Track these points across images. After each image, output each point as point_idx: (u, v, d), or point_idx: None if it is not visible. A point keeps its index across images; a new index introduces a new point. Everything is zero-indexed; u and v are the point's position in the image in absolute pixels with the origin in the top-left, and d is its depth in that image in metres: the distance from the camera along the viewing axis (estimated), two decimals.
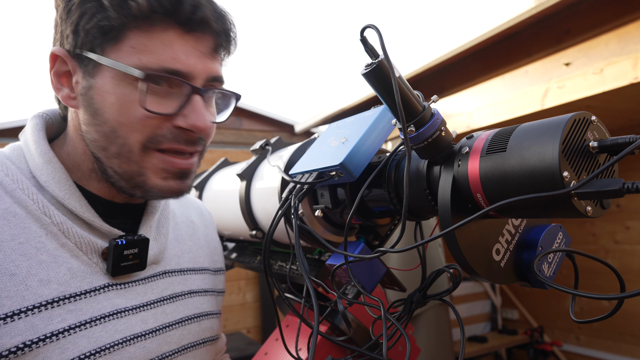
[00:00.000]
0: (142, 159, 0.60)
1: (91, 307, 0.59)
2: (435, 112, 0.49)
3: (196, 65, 0.59)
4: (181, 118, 0.60)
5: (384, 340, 0.50)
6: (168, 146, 0.60)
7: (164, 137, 0.60)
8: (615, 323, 3.10)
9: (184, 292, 0.74)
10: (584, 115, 0.40)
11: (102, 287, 0.61)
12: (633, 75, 1.51)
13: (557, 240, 0.52)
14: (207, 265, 0.83)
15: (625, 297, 0.38)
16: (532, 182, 0.39)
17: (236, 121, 3.95)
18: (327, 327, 0.78)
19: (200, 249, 0.83)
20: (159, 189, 0.62)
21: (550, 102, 1.80)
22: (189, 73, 0.58)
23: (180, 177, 0.63)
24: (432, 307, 2.32)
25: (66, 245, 0.59)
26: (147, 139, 0.59)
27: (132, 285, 0.65)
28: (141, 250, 0.65)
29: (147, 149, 0.60)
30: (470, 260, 0.45)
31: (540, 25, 1.96)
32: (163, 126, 0.59)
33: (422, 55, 2.36)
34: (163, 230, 0.73)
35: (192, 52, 0.59)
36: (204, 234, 0.86)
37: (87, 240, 0.60)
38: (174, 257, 0.75)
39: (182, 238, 0.79)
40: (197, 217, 0.87)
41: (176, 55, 0.57)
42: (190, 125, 0.60)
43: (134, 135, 0.58)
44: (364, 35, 0.45)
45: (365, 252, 0.66)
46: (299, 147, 0.75)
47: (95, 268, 0.61)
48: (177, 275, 0.74)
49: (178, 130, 0.60)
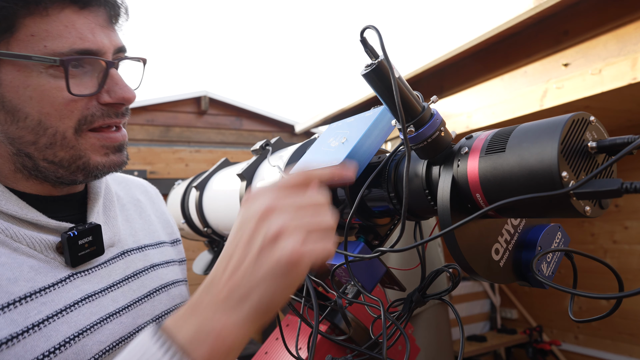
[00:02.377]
0: (77, 142, 0.60)
1: (62, 297, 0.60)
2: (434, 112, 0.49)
3: (103, 39, 0.60)
4: (106, 94, 0.61)
5: (384, 339, 0.50)
6: (100, 123, 0.61)
7: (94, 115, 0.60)
8: (614, 322, 3.10)
9: (146, 267, 0.75)
10: (582, 116, 0.40)
11: (67, 277, 0.62)
12: (631, 76, 1.51)
13: (556, 239, 0.53)
14: (164, 238, 0.85)
15: (624, 296, 0.38)
16: (531, 182, 0.39)
17: (237, 121, 3.95)
18: (327, 327, 0.78)
19: (152, 224, 0.84)
20: (102, 165, 0.63)
21: (549, 103, 1.80)
22: (99, 49, 0.59)
23: (119, 149, 0.65)
24: (432, 307, 2.33)
25: (19, 249, 0.58)
26: (78, 122, 0.59)
27: (95, 271, 0.66)
28: (95, 236, 0.65)
29: (80, 132, 0.60)
30: (470, 260, 0.46)
31: (539, 26, 1.97)
32: (90, 105, 0.60)
33: (421, 55, 2.37)
34: (111, 214, 0.74)
35: (94, 27, 0.59)
36: (153, 209, 0.88)
37: (38, 239, 0.60)
38: (128, 236, 0.76)
39: (132, 218, 0.80)
40: (142, 195, 0.88)
41: (82, 34, 0.57)
42: (118, 99, 0.61)
43: (63, 122, 0.58)
44: (364, 35, 0.45)
45: (365, 251, 0.66)
46: (299, 147, 0.76)
47: (54, 263, 0.61)
48: (136, 252, 0.75)
49: (105, 106, 0.61)
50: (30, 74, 0.56)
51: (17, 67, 0.56)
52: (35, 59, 0.55)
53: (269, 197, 0.43)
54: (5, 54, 0.55)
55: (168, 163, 3.77)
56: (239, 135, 3.95)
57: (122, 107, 0.64)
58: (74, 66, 0.57)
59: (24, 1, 0.54)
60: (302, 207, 0.42)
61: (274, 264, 0.40)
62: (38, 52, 0.55)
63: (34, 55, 0.55)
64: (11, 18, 0.54)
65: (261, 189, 0.44)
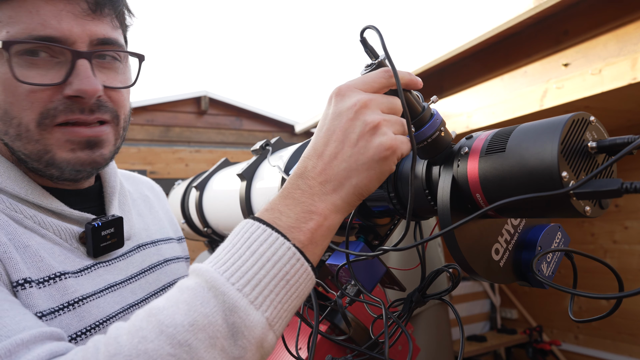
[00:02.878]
0: (42, 136, 0.57)
1: (90, 283, 0.61)
2: (434, 112, 0.49)
3: (72, 28, 0.56)
4: (68, 86, 0.56)
5: (386, 338, 0.50)
6: (64, 119, 0.57)
7: (57, 109, 0.56)
8: (614, 322, 3.11)
9: (160, 261, 0.76)
10: (582, 116, 0.40)
11: (91, 266, 0.62)
12: (631, 76, 1.51)
13: (556, 240, 0.53)
14: (172, 235, 0.85)
15: (624, 296, 0.38)
16: (531, 182, 0.39)
17: (237, 122, 3.95)
18: (327, 327, 0.78)
19: (161, 221, 0.85)
20: (68, 162, 0.59)
21: (549, 103, 1.80)
22: (65, 38, 0.55)
23: (89, 146, 0.60)
24: (432, 307, 2.33)
25: (46, 236, 0.59)
26: (40, 115, 0.56)
27: (114, 262, 0.67)
28: (117, 229, 0.66)
29: (44, 126, 0.57)
30: (470, 260, 0.46)
31: (539, 26, 1.97)
32: (54, 99, 0.56)
33: (421, 55, 2.37)
34: (126, 208, 0.74)
35: (65, 15, 0.55)
36: (160, 206, 0.88)
37: (64, 227, 0.60)
38: (142, 230, 0.76)
39: (143, 213, 0.81)
40: (149, 191, 0.88)
41: (44, 21, 0.54)
42: (76, 91, 0.56)
43: (26, 113, 0.56)
44: (364, 35, 0.45)
45: (365, 251, 0.66)
46: (299, 147, 0.76)
47: (77, 252, 0.62)
48: (150, 246, 0.76)
49: (70, 100, 0.57)
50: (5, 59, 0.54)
51: None
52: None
53: (361, 93, 0.46)
54: None
55: (168, 163, 3.77)
56: (239, 135, 3.95)
57: (88, 102, 0.58)
58: (32, 54, 0.54)
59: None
60: (390, 107, 0.47)
61: (375, 151, 0.44)
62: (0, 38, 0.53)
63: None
64: None
65: (350, 86, 0.47)
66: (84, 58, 0.57)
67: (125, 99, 0.65)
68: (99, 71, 0.60)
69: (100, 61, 0.61)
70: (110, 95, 0.62)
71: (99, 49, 0.59)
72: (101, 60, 0.61)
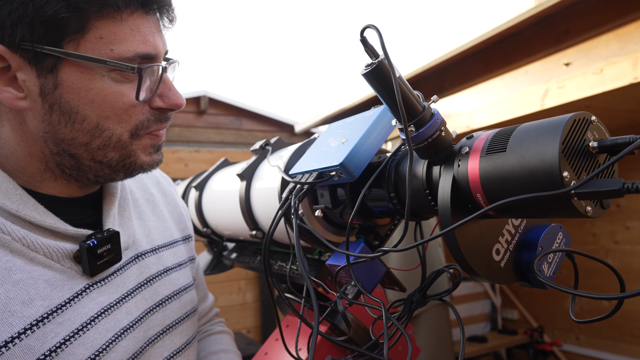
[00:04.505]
0: (131, 144, 0.60)
1: (79, 313, 0.58)
2: (435, 112, 0.49)
3: (159, 43, 0.59)
4: (158, 99, 0.61)
5: (385, 340, 0.50)
6: (155, 128, 0.62)
7: (149, 121, 0.61)
8: (615, 323, 3.10)
9: (160, 271, 0.74)
10: (583, 116, 0.40)
11: (84, 290, 0.60)
12: (633, 76, 1.51)
13: (557, 240, 0.52)
14: (177, 236, 0.82)
15: (625, 297, 0.38)
16: (532, 182, 0.39)
17: (236, 121, 3.95)
18: (327, 327, 0.78)
19: (166, 222, 0.81)
20: (146, 164, 0.64)
21: (550, 102, 1.80)
22: (157, 53, 0.59)
23: (159, 149, 0.66)
24: (432, 307, 2.32)
25: (35, 259, 0.56)
26: (135, 127, 0.60)
27: (110, 279, 0.64)
28: (114, 244, 0.64)
29: (137, 136, 0.60)
30: (470, 260, 0.45)
31: (540, 26, 1.96)
32: (144, 110, 0.60)
33: (422, 55, 2.36)
34: (126, 214, 0.71)
35: (154, 32, 0.59)
36: (165, 203, 0.85)
37: (56, 248, 0.58)
38: (142, 237, 0.73)
39: (145, 215, 0.78)
40: (154, 187, 0.85)
41: (144, 38, 0.57)
42: (172, 105, 0.62)
43: (121, 126, 0.58)
44: (364, 35, 0.45)
45: (366, 252, 0.66)
46: (299, 147, 0.75)
47: (71, 273, 0.59)
48: (150, 255, 0.73)
49: (157, 110, 0.61)
50: (94, 77, 0.54)
51: (81, 69, 0.54)
52: (111, 64, 0.54)
53: None
54: (76, 55, 0.53)
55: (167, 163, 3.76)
56: (239, 135, 3.95)
57: (170, 112, 0.64)
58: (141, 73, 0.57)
59: (100, 3, 0.52)
60: None
61: None
62: (104, 55, 0.54)
63: (109, 59, 0.54)
64: (84, 19, 0.52)
65: None
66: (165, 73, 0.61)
67: None
68: None
69: None
70: None
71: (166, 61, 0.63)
72: None
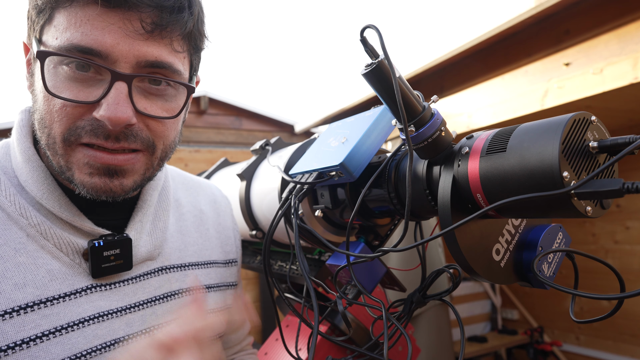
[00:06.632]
0: (65, 152, 0.54)
1: (70, 311, 0.56)
2: (435, 112, 0.49)
3: (117, 45, 0.51)
4: (98, 108, 0.52)
5: (385, 340, 0.50)
6: (87, 140, 0.53)
7: (83, 129, 0.53)
8: (615, 323, 3.10)
9: (182, 289, 0.68)
10: (583, 116, 0.40)
11: (85, 289, 0.58)
12: (633, 76, 1.51)
13: (557, 240, 0.52)
14: (217, 257, 0.77)
15: (625, 297, 0.38)
16: (532, 182, 0.39)
17: (236, 121, 3.95)
18: (327, 327, 0.78)
19: (208, 241, 0.77)
20: (84, 185, 0.55)
21: (550, 102, 1.80)
22: (107, 54, 0.51)
23: (108, 174, 0.55)
24: (432, 307, 2.32)
25: (46, 247, 0.56)
26: (67, 131, 0.53)
27: (120, 286, 0.61)
28: (124, 250, 0.60)
29: (69, 142, 0.53)
30: (470, 260, 0.45)
31: (540, 26, 1.96)
32: (85, 117, 0.53)
33: (422, 55, 2.36)
34: (160, 224, 0.68)
35: (114, 30, 0.51)
36: (215, 223, 0.80)
37: (67, 240, 0.57)
38: (174, 251, 0.70)
39: (187, 230, 0.74)
40: (208, 205, 0.81)
41: (89, 32, 0.50)
42: (101, 117, 0.51)
43: (55, 125, 0.53)
44: (364, 35, 0.45)
45: (366, 252, 0.66)
46: (299, 147, 0.75)
47: (78, 269, 0.58)
48: (176, 271, 0.69)
49: (97, 122, 0.52)
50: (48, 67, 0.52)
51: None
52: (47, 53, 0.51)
53: None
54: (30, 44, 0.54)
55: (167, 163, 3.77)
56: (239, 135, 3.95)
57: (114, 130, 0.53)
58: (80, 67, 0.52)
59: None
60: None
61: None
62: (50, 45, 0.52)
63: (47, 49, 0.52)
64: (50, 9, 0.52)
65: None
66: (122, 80, 0.52)
67: (168, 128, 0.59)
68: (144, 97, 0.55)
69: (151, 86, 0.56)
70: (149, 124, 0.56)
71: (145, 72, 0.54)
72: (154, 85, 0.56)
